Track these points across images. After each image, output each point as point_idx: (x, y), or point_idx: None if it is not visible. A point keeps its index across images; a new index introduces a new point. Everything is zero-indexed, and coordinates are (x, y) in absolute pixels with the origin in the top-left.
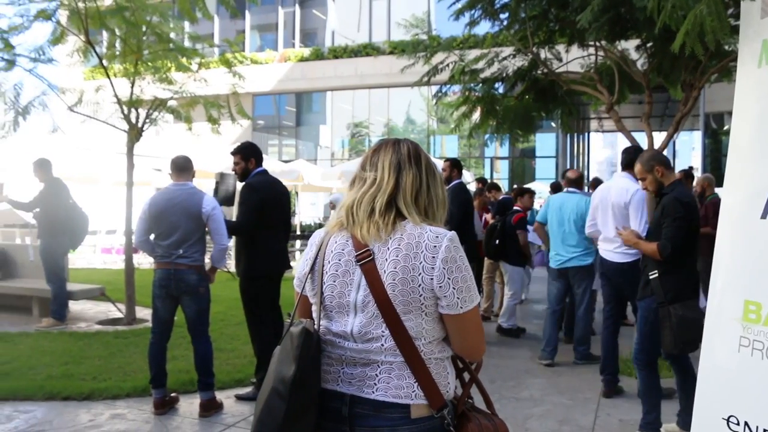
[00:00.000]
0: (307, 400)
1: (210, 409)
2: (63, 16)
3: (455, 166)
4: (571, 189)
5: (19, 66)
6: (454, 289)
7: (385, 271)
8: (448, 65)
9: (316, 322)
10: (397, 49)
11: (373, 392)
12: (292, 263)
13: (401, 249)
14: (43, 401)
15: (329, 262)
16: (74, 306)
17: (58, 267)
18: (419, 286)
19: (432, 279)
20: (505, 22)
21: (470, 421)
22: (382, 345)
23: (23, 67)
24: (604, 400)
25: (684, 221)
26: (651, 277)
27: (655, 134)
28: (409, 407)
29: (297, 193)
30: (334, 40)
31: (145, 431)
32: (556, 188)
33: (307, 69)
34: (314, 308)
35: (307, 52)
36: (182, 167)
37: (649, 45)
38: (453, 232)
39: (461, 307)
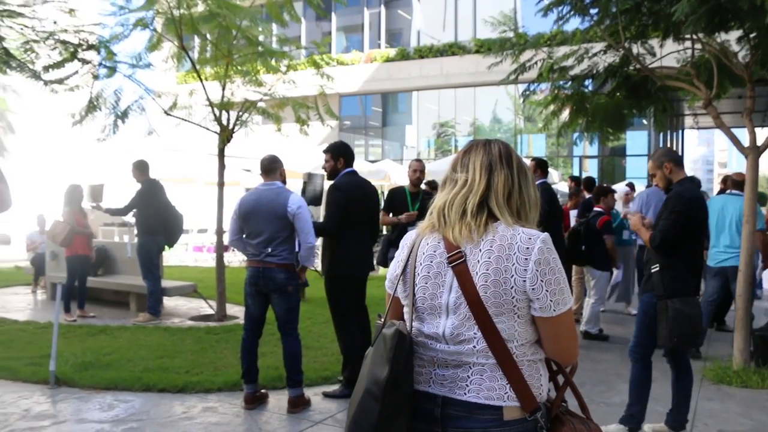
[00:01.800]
0: (400, 401)
1: (298, 405)
2: (158, 23)
3: (540, 165)
4: (734, 191)
5: (119, 72)
6: (547, 291)
7: (477, 273)
8: (536, 63)
9: (408, 324)
10: (484, 47)
11: (465, 394)
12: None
13: (493, 251)
14: (140, 392)
15: (421, 263)
16: (168, 302)
17: (153, 264)
18: (512, 288)
19: (525, 281)
20: (595, 18)
21: (564, 424)
22: (474, 347)
23: (123, 73)
24: (701, 409)
25: (680, 216)
26: (652, 270)
27: (757, 130)
28: (501, 409)
29: (383, 193)
30: (419, 39)
31: (235, 425)
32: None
33: (392, 69)
34: (406, 310)
35: (392, 52)
36: (269, 168)
37: (752, 36)
38: (546, 233)
39: (554, 310)
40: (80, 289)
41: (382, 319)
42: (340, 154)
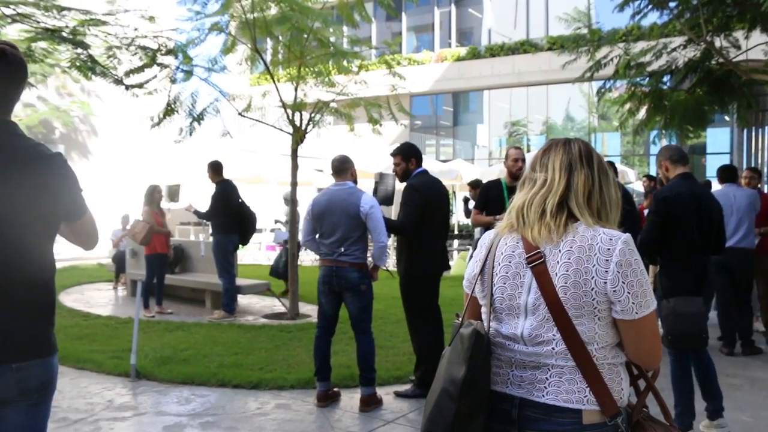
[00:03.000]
0: (477, 401)
1: (370, 404)
2: (233, 27)
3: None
4: None
5: (195, 76)
6: (629, 293)
7: (556, 274)
8: (611, 59)
9: (485, 324)
10: (556, 44)
11: (543, 396)
12: (450, 263)
13: (573, 252)
14: (216, 387)
15: (499, 263)
16: (242, 300)
17: (228, 263)
18: (592, 290)
19: (606, 283)
20: (674, 11)
21: (646, 430)
22: (553, 349)
23: (199, 77)
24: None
25: (657, 215)
26: (657, 271)
27: None
28: (580, 413)
29: (455, 192)
30: (490, 38)
31: (308, 422)
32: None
33: (463, 68)
34: (484, 310)
35: (463, 51)
36: (340, 168)
37: None
38: (628, 234)
39: (636, 313)
40: (158, 286)
41: (460, 319)
42: (411, 155)
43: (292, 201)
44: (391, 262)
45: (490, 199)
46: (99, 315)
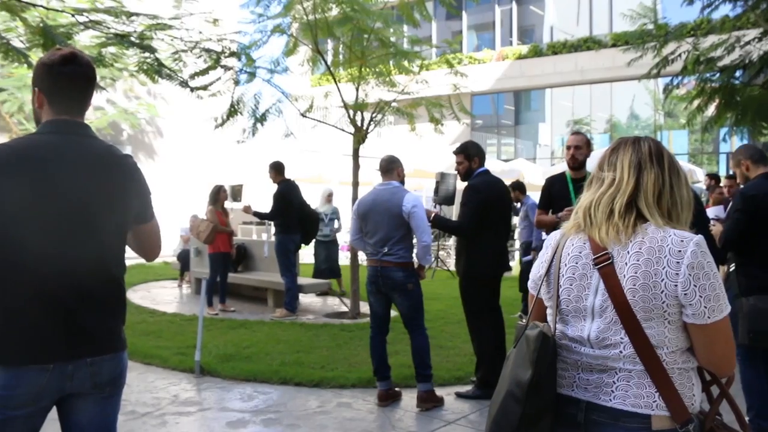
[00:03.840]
0: (543, 404)
1: (427, 401)
2: (294, 29)
3: None
4: None
5: (258, 77)
6: (700, 297)
7: (624, 276)
8: (679, 55)
9: (551, 326)
10: (621, 41)
11: (610, 399)
12: (511, 264)
13: (642, 253)
14: (278, 385)
15: (566, 264)
16: (304, 299)
17: (290, 262)
18: (662, 292)
19: (676, 286)
20: (749, 2)
21: None
22: (621, 352)
23: (262, 78)
24: None
25: (742, 214)
26: (730, 270)
27: None
28: (649, 418)
29: None
30: (552, 35)
31: (369, 421)
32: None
33: (525, 66)
34: (549, 311)
35: (525, 49)
36: (386, 168)
37: None
38: (700, 236)
39: (708, 317)
40: (222, 284)
41: (525, 320)
42: (474, 154)
43: (353, 201)
44: (452, 262)
45: (553, 195)
46: (165, 312)
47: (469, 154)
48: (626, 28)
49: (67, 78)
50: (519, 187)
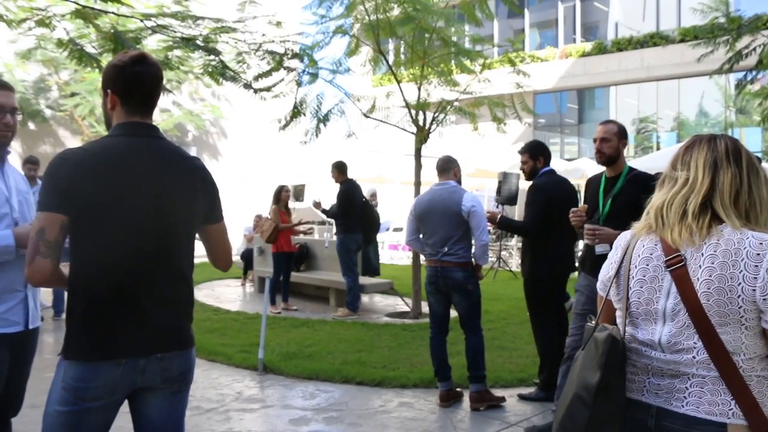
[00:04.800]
0: (611, 408)
1: (480, 401)
2: (356, 29)
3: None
4: None
5: (321, 78)
6: None
7: (698, 279)
8: (754, 49)
9: (621, 329)
10: (689, 35)
11: (682, 406)
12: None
13: (717, 256)
14: (340, 384)
15: (636, 266)
16: (365, 298)
17: (352, 262)
18: (738, 297)
19: (754, 290)
20: None
21: None
22: (694, 357)
23: (324, 79)
24: None
25: None
26: None
27: None
28: (725, 426)
29: (580, 192)
30: (617, 31)
31: (430, 421)
32: None
33: (589, 64)
34: (619, 314)
35: (588, 46)
36: (443, 168)
37: None
38: None
39: None
40: (284, 283)
41: (593, 322)
42: (539, 153)
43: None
44: (514, 263)
45: (588, 197)
46: (228, 310)
47: (534, 154)
48: (696, 22)
49: (139, 77)
50: None
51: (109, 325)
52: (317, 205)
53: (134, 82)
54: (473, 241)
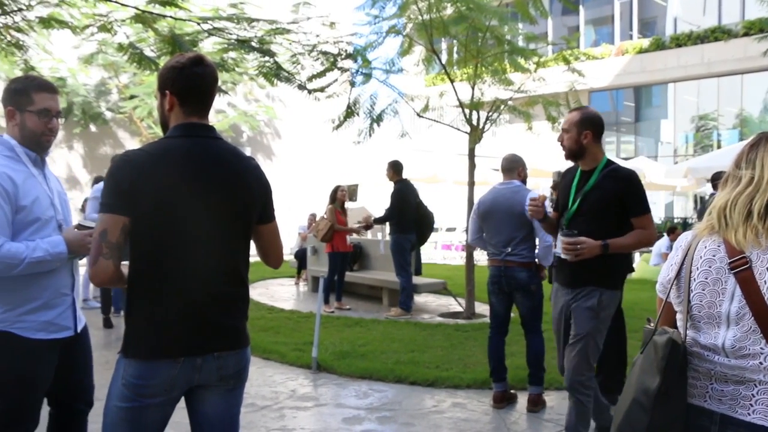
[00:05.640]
0: (671, 415)
1: (538, 404)
2: (409, 29)
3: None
4: None
5: (374, 78)
6: None
7: (765, 282)
8: None
9: (681, 333)
10: (754, 28)
11: (748, 414)
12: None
13: None
14: (392, 383)
15: (697, 268)
16: (418, 298)
17: (406, 261)
18: None
19: None
20: None
21: None
22: (761, 363)
23: (377, 79)
24: None
25: None
26: None
27: None
28: None
29: None
30: (676, 27)
31: (483, 422)
32: None
33: (646, 61)
34: (679, 317)
35: (646, 42)
36: (508, 167)
37: None
38: None
39: None
40: (338, 283)
41: (652, 324)
42: None
43: (469, 201)
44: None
45: (559, 190)
46: (282, 309)
47: None
48: (761, 14)
49: (198, 78)
50: None
51: (166, 325)
52: (367, 219)
53: (193, 82)
54: (536, 241)
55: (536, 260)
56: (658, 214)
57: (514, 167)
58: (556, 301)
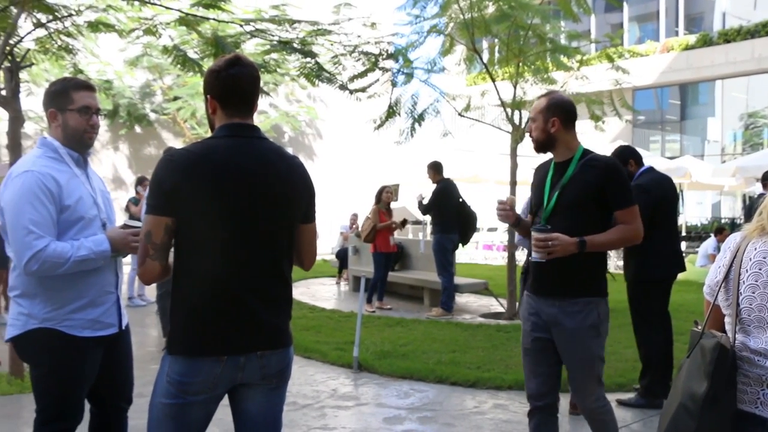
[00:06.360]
0: (720, 421)
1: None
2: (450, 28)
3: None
4: None
5: (415, 78)
6: None
7: None
8: None
9: (730, 336)
10: None
11: None
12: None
13: None
14: (433, 383)
15: (747, 270)
16: (459, 298)
17: (448, 261)
18: None
19: None
20: None
21: None
22: None
23: (419, 79)
24: None
25: None
26: None
27: None
28: None
29: (682, 191)
30: (724, 22)
31: (525, 424)
32: None
33: (693, 57)
34: (728, 320)
35: (692, 39)
36: None
37: None
38: None
39: None
40: (381, 283)
41: (699, 327)
42: (626, 158)
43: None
44: (612, 264)
45: (532, 187)
46: (323, 308)
47: (622, 159)
48: None
49: (235, 79)
50: None
51: (210, 323)
52: (420, 198)
53: (231, 84)
54: None
55: None
56: (704, 214)
57: None
58: (529, 314)
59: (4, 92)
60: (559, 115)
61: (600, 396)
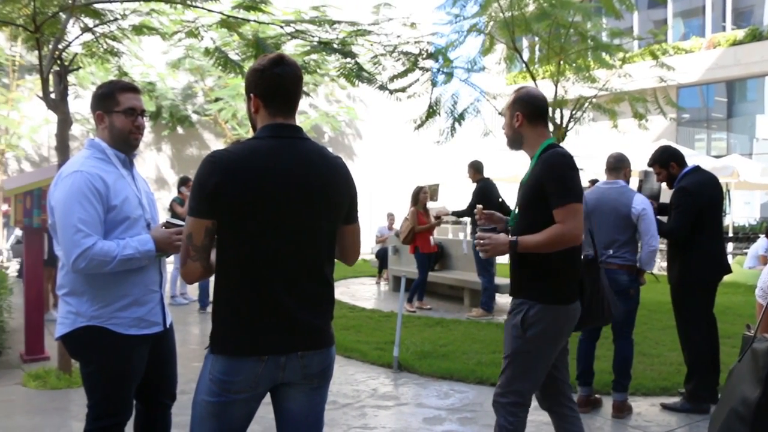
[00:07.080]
0: None
1: (623, 410)
2: (490, 27)
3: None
4: None
5: (455, 77)
6: None
7: None
8: None
9: None
10: None
11: None
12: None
13: None
14: (473, 384)
15: None
16: (500, 299)
17: (488, 262)
18: None
19: None
20: None
21: None
22: None
23: (459, 78)
24: None
25: None
26: None
27: None
28: None
29: (728, 191)
30: None
31: None
32: None
33: (740, 53)
34: None
35: (740, 34)
36: (614, 166)
37: None
38: None
39: None
40: (421, 283)
41: (751, 331)
42: (668, 159)
43: None
44: (656, 266)
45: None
46: (363, 308)
47: (664, 162)
48: None
49: (279, 78)
50: None
51: (252, 323)
52: (439, 218)
53: (275, 83)
54: (639, 245)
55: (637, 264)
56: (752, 215)
57: (620, 167)
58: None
59: (53, 95)
60: (522, 110)
61: (507, 398)
